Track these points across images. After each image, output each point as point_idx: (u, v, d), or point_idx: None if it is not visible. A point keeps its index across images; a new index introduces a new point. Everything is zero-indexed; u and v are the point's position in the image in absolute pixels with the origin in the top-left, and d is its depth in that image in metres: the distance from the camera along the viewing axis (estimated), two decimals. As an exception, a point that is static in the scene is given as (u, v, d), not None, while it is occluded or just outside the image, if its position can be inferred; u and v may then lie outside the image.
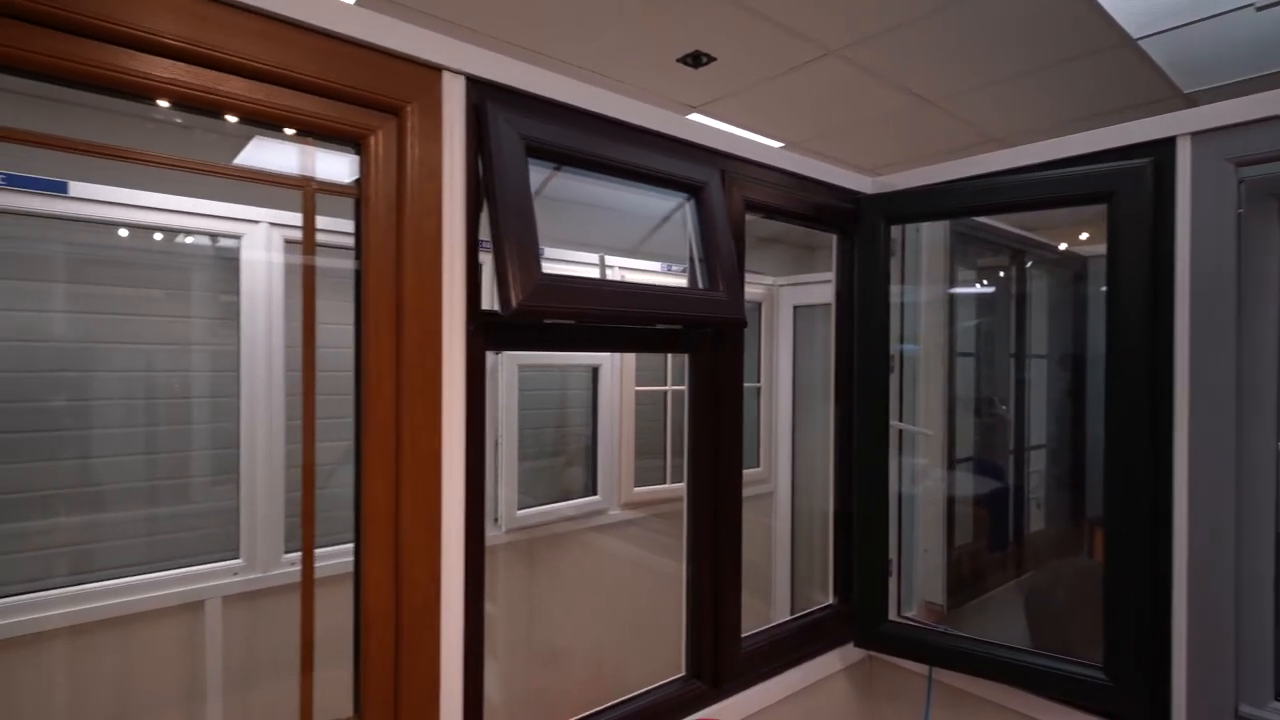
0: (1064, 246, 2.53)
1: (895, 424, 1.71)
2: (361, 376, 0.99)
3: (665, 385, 3.66)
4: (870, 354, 1.63)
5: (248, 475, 2.30)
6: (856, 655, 1.73)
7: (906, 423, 1.82)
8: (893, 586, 1.71)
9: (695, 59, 2.23)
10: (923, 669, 1.64)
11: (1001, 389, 2.48)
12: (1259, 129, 1.15)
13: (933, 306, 1.96)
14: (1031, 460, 2.56)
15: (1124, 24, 2.20)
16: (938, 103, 2.67)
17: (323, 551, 2.56)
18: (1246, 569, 1.19)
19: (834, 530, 1.75)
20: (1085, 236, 2.54)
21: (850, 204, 1.67)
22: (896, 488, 1.73)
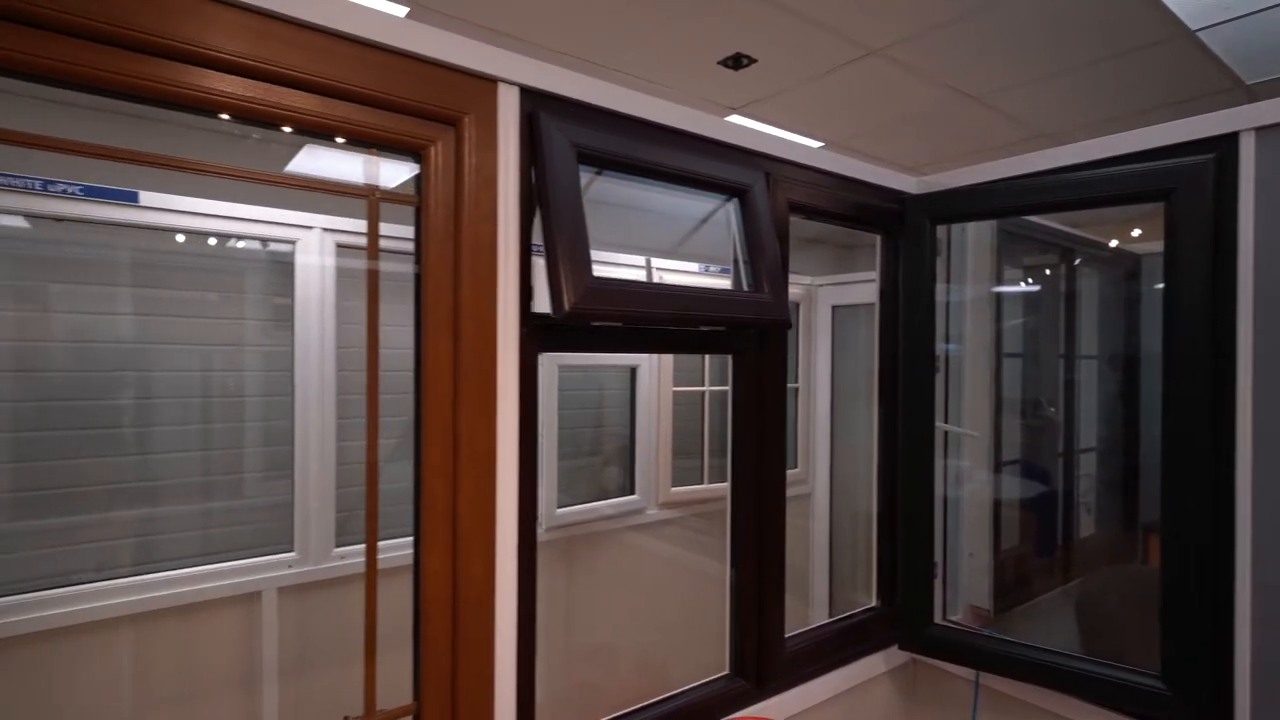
0: (1115, 244, 2.47)
1: (941, 425, 1.70)
2: (420, 377, 1.03)
3: (703, 386, 3.67)
4: (916, 355, 1.62)
5: (301, 471, 2.39)
6: (900, 658, 1.72)
7: (952, 424, 1.80)
8: (937, 589, 1.70)
9: (736, 61, 2.24)
10: (968, 673, 1.63)
11: (1050, 390, 2.43)
12: (1328, 123, 1.12)
13: (979, 306, 1.93)
14: (1081, 464, 2.50)
15: (1182, 15, 2.14)
16: (983, 99, 2.62)
17: (384, 544, 2.64)
18: (1314, 577, 1.15)
19: (877, 532, 1.74)
20: (1138, 233, 2.47)
21: (894, 204, 1.66)
22: (941, 490, 1.71)
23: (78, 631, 2.04)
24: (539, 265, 1.09)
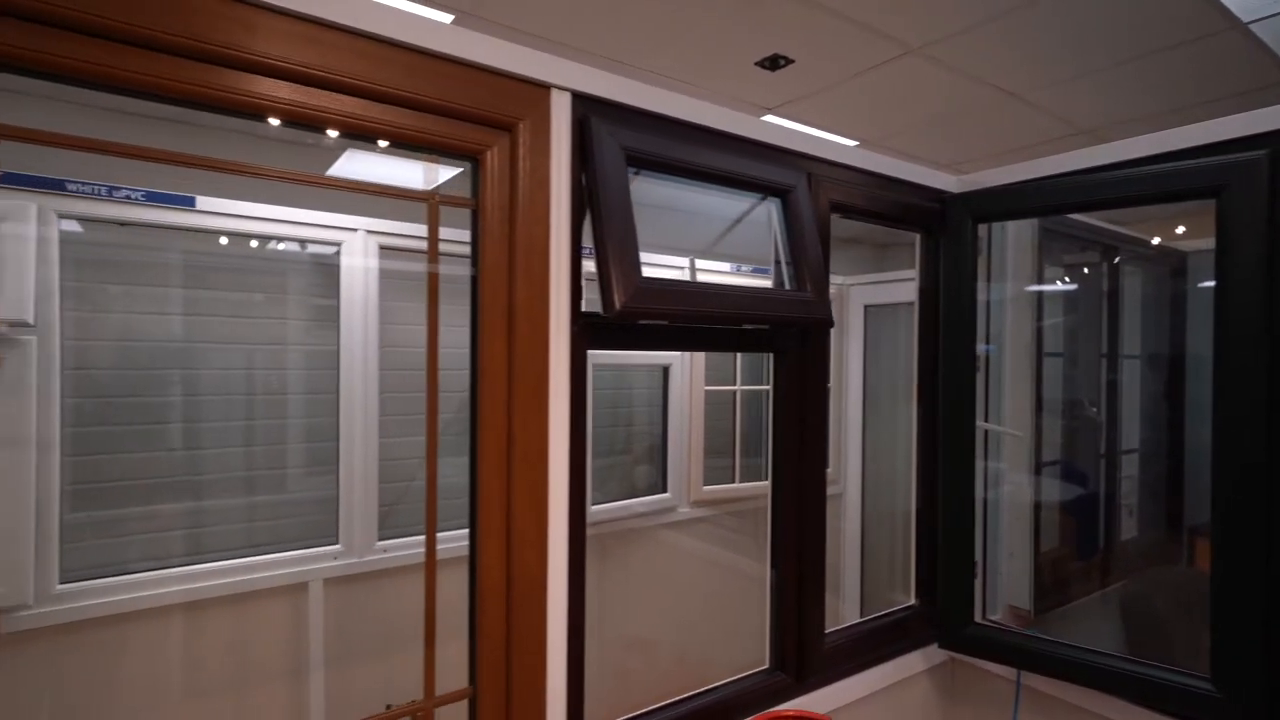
0: (1157, 241, 2.42)
1: (982, 424, 1.69)
2: (476, 375, 1.07)
3: (734, 385, 3.68)
4: (957, 354, 1.62)
5: (345, 467, 2.46)
6: (939, 657, 1.72)
7: (992, 424, 1.79)
8: (976, 589, 1.69)
9: (773, 62, 2.25)
10: (1007, 672, 1.62)
11: (1091, 390, 2.39)
12: (1389, 118, 1.10)
13: (1019, 305, 1.92)
14: (1123, 465, 2.45)
15: (1233, 7, 2.09)
16: (1024, 96, 2.59)
17: (413, 540, 2.71)
18: (1373, 580, 1.13)
19: (916, 531, 1.74)
20: (1182, 230, 2.42)
21: (935, 203, 1.66)
22: (981, 490, 1.71)
23: (136, 618, 2.13)
24: (588, 266, 1.12)
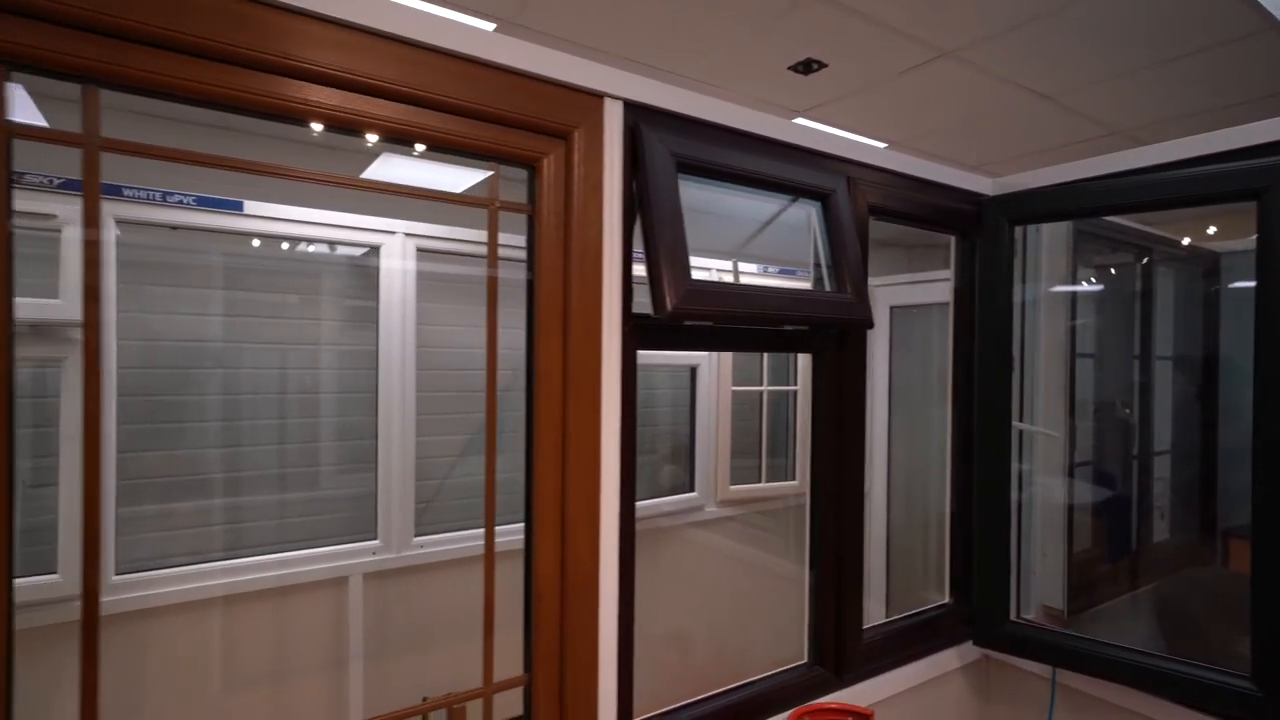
0: (1187, 241, 2.41)
1: (1017, 425, 1.71)
2: (532, 374, 1.11)
3: (761, 385, 3.70)
4: (993, 355, 1.64)
5: (384, 464, 2.52)
6: (973, 654, 1.74)
7: (1025, 424, 1.80)
8: (1010, 588, 1.71)
9: (806, 67, 2.27)
10: (1041, 670, 1.63)
11: (1124, 392, 2.39)
12: None
13: (1053, 305, 1.93)
14: (1155, 466, 2.44)
15: (1270, 8, 2.08)
16: (1056, 98, 2.59)
17: (448, 536, 2.76)
18: None
19: (951, 530, 1.76)
20: (1213, 230, 2.41)
21: (971, 205, 1.68)
22: (1014, 490, 1.72)
23: (186, 609, 2.21)
24: (638, 268, 1.16)
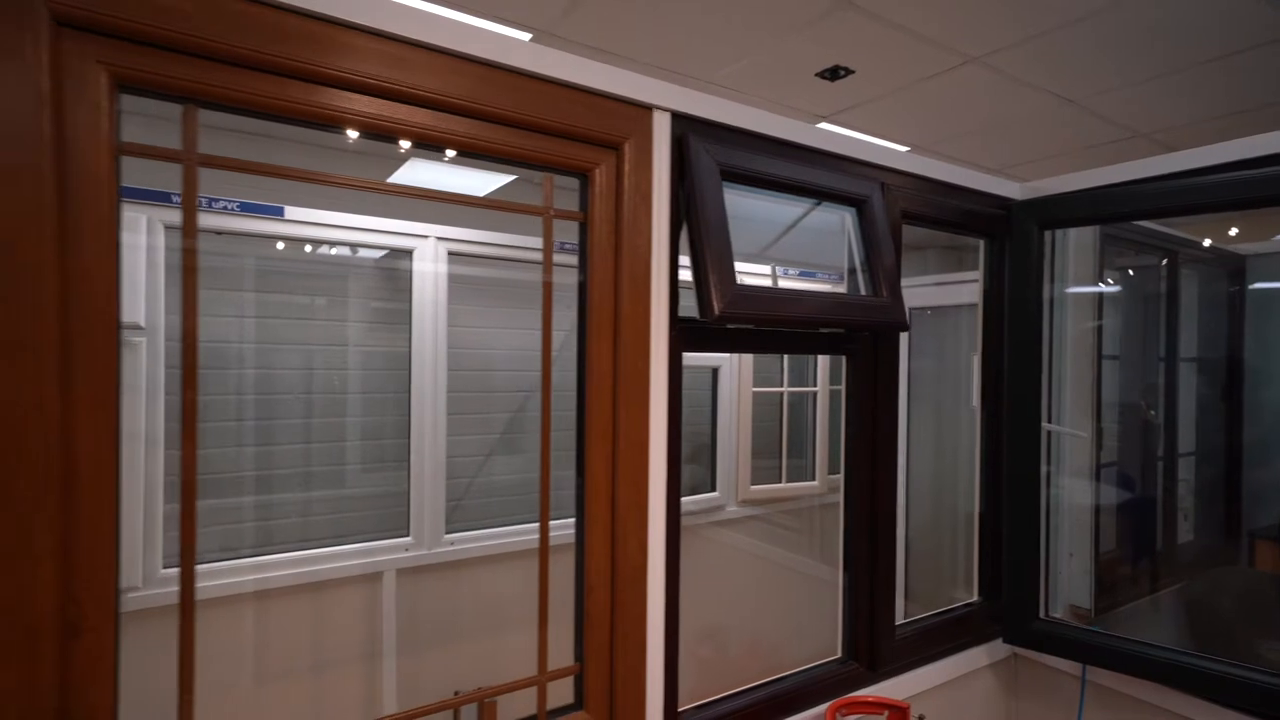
0: (1208, 243, 2.42)
1: (1045, 425, 1.73)
2: (584, 375, 1.15)
3: (781, 387, 3.73)
4: (1023, 358, 1.67)
5: (416, 463, 2.58)
6: (1002, 652, 1.76)
7: (1052, 425, 1.83)
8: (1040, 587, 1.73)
9: (833, 73, 2.31)
10: (1070, 668, 1.66)
11: (1149, 393, 2.40)
12: None
13: (1079, 307, 1.95)
14: (1180, 467, 2.46)
15: (1295, 11, 2.10)
16: (1081, 103, 2.61)
17: (477, 534, 2.81)
18: None
19: (979, 530, 1.79)
20: (1235, 232, 2.42)
21: (999, 209, 1.71)
22: (1042, 490, 1.74)
23: (228, 602, 2.27)
24: (685, 274, 1.20)
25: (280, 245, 2.63)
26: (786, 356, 3.74)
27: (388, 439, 2.73)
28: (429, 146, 1.02)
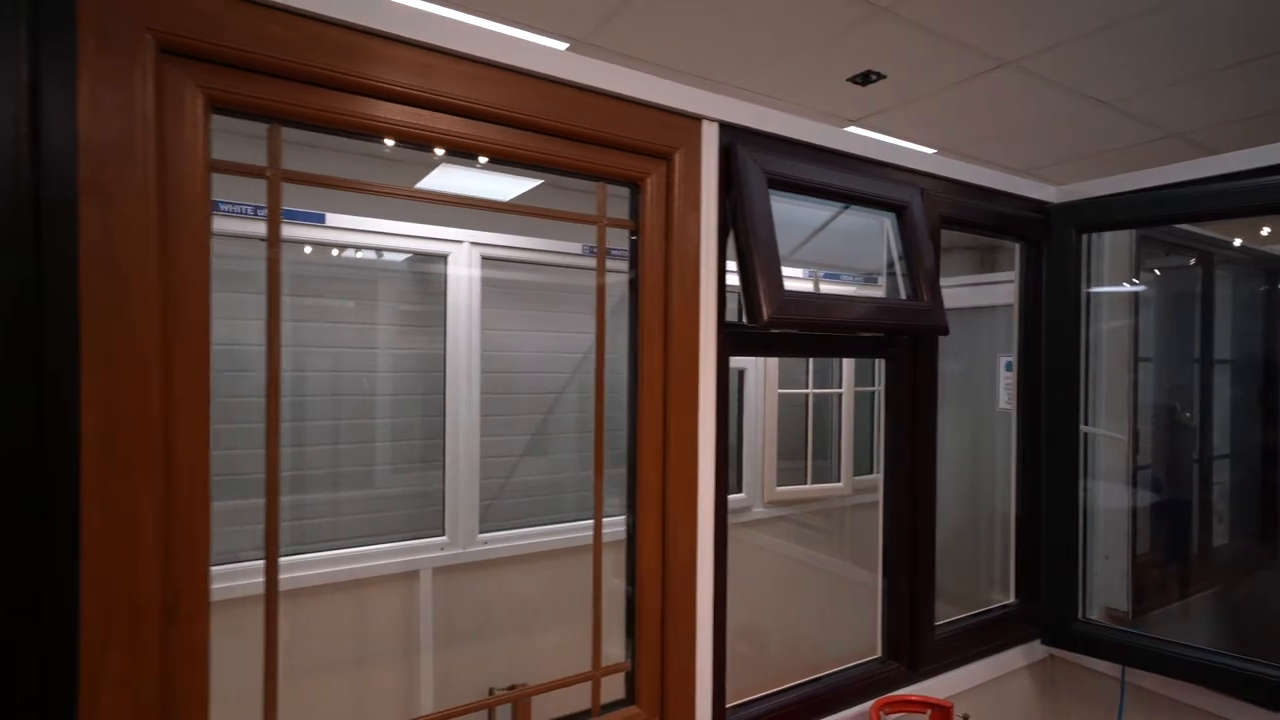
0: (1238, 242, 2.41)
1: (1083, 428, 1.74)
2: (636, 378, 1.19)
3: (806, 389, 3.74)
4: (1061, 361, 1.68)
5: (451, 464, 2.63)
6: (1039, 654, 1.77)
7: (1087, 427, 1.83)
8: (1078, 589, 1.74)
9: (865, 78, 2.33)
10: (1108, 670, 1.66)
11: (1183, 395, 2.39)
12: None
13: (1114, 309, 1.95)
14: (1215, 470, 2.44)
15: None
16: (1115, 104, 2.60)
17: (509, 533, 2.85)
18: None
19: (1016, 531, 1.80)
20: (1267, 232, 2.40)
21: (1036, 213, 1.72)
22: (1081, 492, 1.75)
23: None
24: (732, 280, 1.23)
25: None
26: (811, 359, 3.75)
27: (423, 440, 2.78)
28: (497, 160, 1.07)
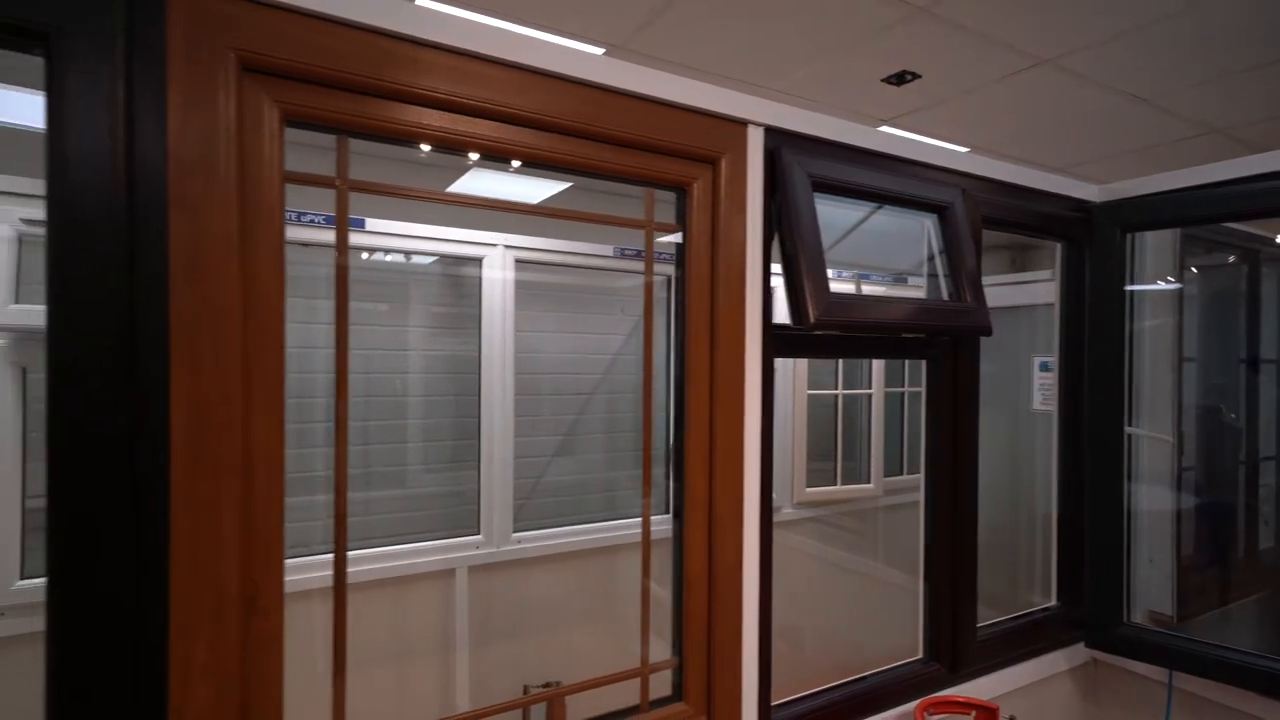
0: (1280, 239, 2.35)
1: (1127, 429, 1.72)
2: (683, 380, 1.20)
3: (836, 389, 3.73)
4: (1105, 362, 1.66)
5: (486, 464, 2.67)
6: (1081, 657, 1.75)
7: (1130, 428, 1.81)
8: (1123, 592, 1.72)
9: (900, 78, 2.32)
10: (1153, 674, 1.64)
11: (1227, 395, 2.35)
12: None
13: (1158, 308, 1.93)
14: (1262, 472, 2.39)
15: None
16: (1154, 101, 2.56)
17: (542, 532, 2.89)
18: None
19: (1058, 533, 1.78)
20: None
21: (1078, 212, 1.70)
22: (1125, 494, 1.73)
23: (315, 595, 2.39)
24: (776, 282, 1.24)
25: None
26: (840, 360, 3.74)
27: (458, 440, 2.83)
28: (530, 163, 1.09)
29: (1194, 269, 2.30)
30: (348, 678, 0.94)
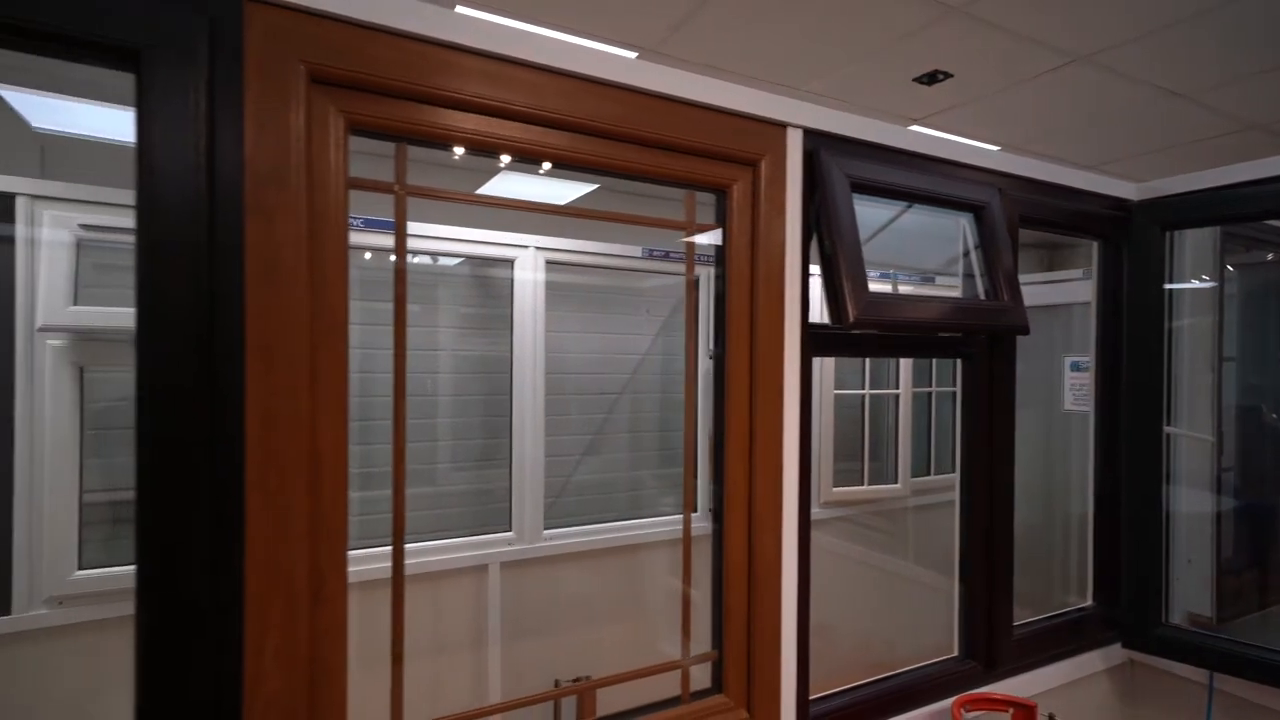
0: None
1: (1166, 429, 1.71)
2: (723, 379, 1.23)
3: (863, 389, 3.72)
4: (1144, 362, 1.65)
5: (518, 462, 2.71)
6: (1118, 657, 1.74)
7: (1169, 428, 1.79)
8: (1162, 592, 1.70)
9: (931, 78, 2.32)
10: (1191, 675, 1.63)
11: (1270, 396, 2.31)
12: None
13: (1197, 307, 1.90)
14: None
15: None
16: (1192, 97, 2.52)
17: (572, 530, 2.92)
18: None
19: (1094, 533, 1.77)
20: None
21: (1115, 210, 1.69)
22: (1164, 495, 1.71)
23: (352, 589, 2.44)
24: (814, 282, 1.26)
25: (368, 256, 2.81)
26: (867, 359, 3.73)
27: (490, 439, 2.88)
28: (573, 167, 1.12)
29: (1231, 267, 2.26)
30: (388, 669, 0.97)
